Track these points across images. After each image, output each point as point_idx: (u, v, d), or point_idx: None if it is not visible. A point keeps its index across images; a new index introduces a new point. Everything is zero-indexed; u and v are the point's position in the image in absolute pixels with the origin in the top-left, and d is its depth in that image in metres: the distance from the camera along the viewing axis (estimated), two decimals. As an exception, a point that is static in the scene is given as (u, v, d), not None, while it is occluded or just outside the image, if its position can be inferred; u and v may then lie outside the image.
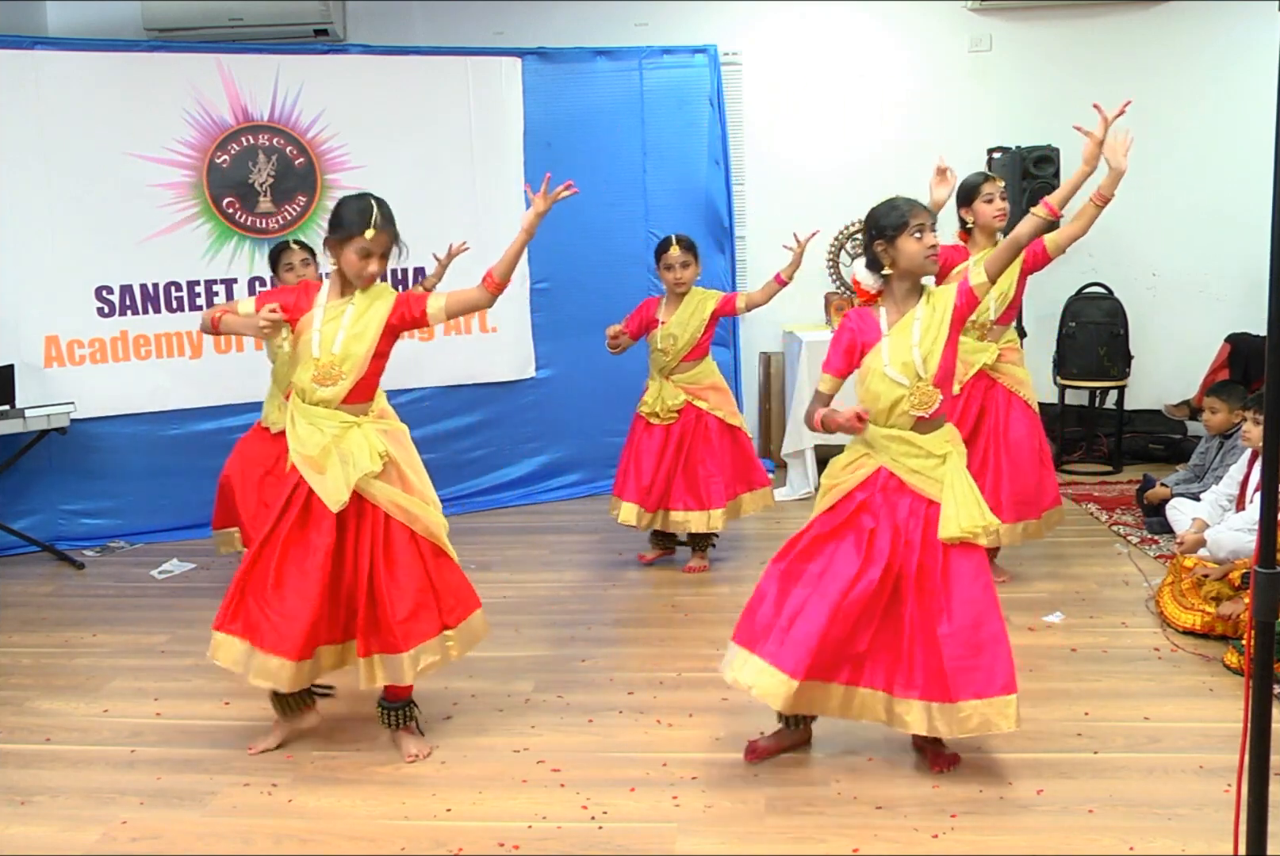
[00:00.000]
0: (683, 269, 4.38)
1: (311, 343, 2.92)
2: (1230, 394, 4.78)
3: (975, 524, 2.72)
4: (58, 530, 5.10)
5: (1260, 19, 5.72)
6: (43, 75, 4.83)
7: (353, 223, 2.88)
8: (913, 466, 2.77)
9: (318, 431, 2.93)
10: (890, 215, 2.77)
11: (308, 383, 2.94)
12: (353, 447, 2.92)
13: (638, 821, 2.69)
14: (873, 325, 2.82)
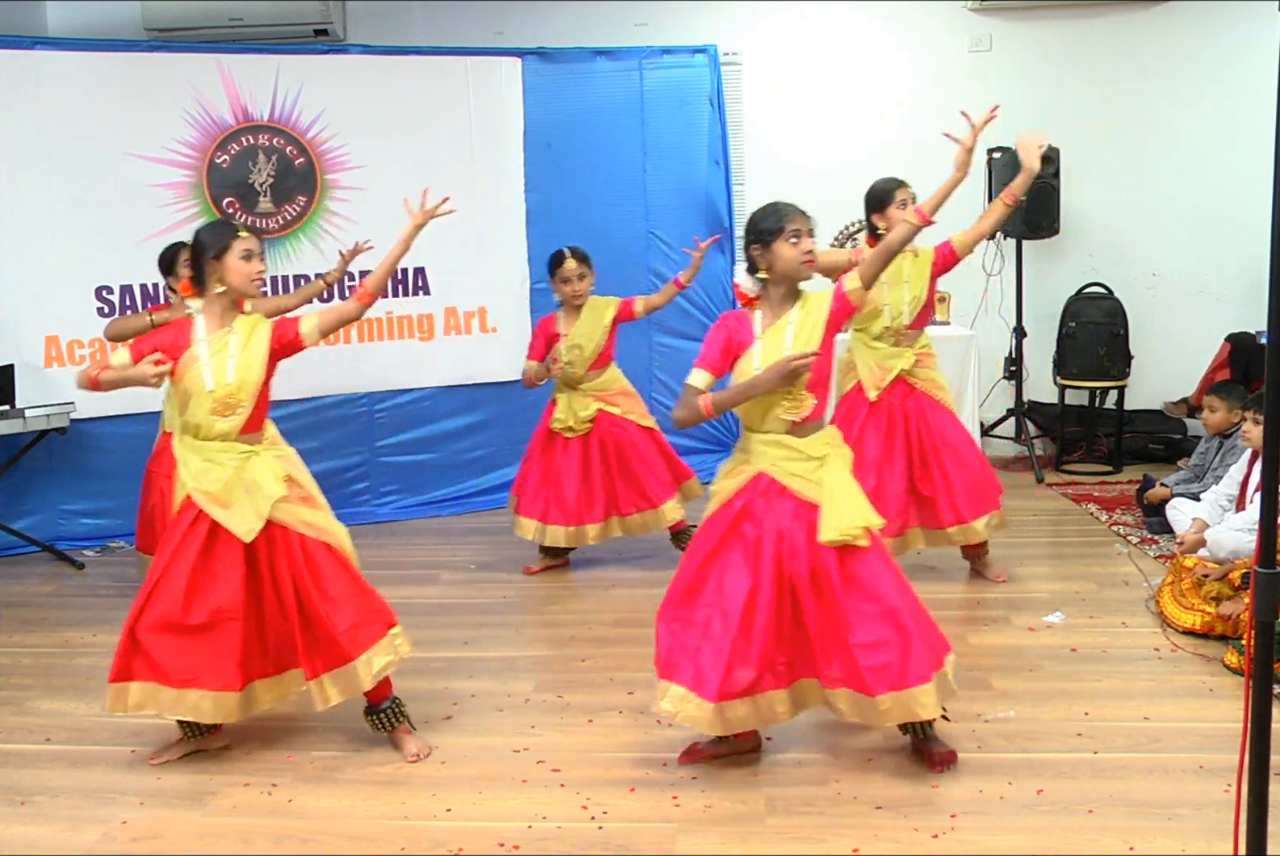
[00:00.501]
0: (579, 281, 4.41)
1: (202, 377, 2.92)
2: (1230, 393, 4.78)
3: (854, 525, 2.72)
4: (58, 530, 5.10)
5: (1260, 19, 5.71)
6: (43, 75, 4.83)
7: (221, 234, 2.92)
8: (792, 470, 2.78)
9: (216, 466, 2.93)
10: (767, 219, 2.84)
11: (203, 417, 2.93)
12: (256, 476, 2.93)
13: (638, 821, 2.69)
14: (747, 328, 2.84)
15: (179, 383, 2.94)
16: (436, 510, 5.52)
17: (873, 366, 4.10)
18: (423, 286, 5.49)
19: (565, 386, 4.50)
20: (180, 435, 2.99)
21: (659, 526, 4.55)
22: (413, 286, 5.48)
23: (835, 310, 2.81)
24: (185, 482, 2.95)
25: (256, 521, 2.89)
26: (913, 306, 4.10)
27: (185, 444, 2.98)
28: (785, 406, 2.77)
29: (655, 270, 5.64)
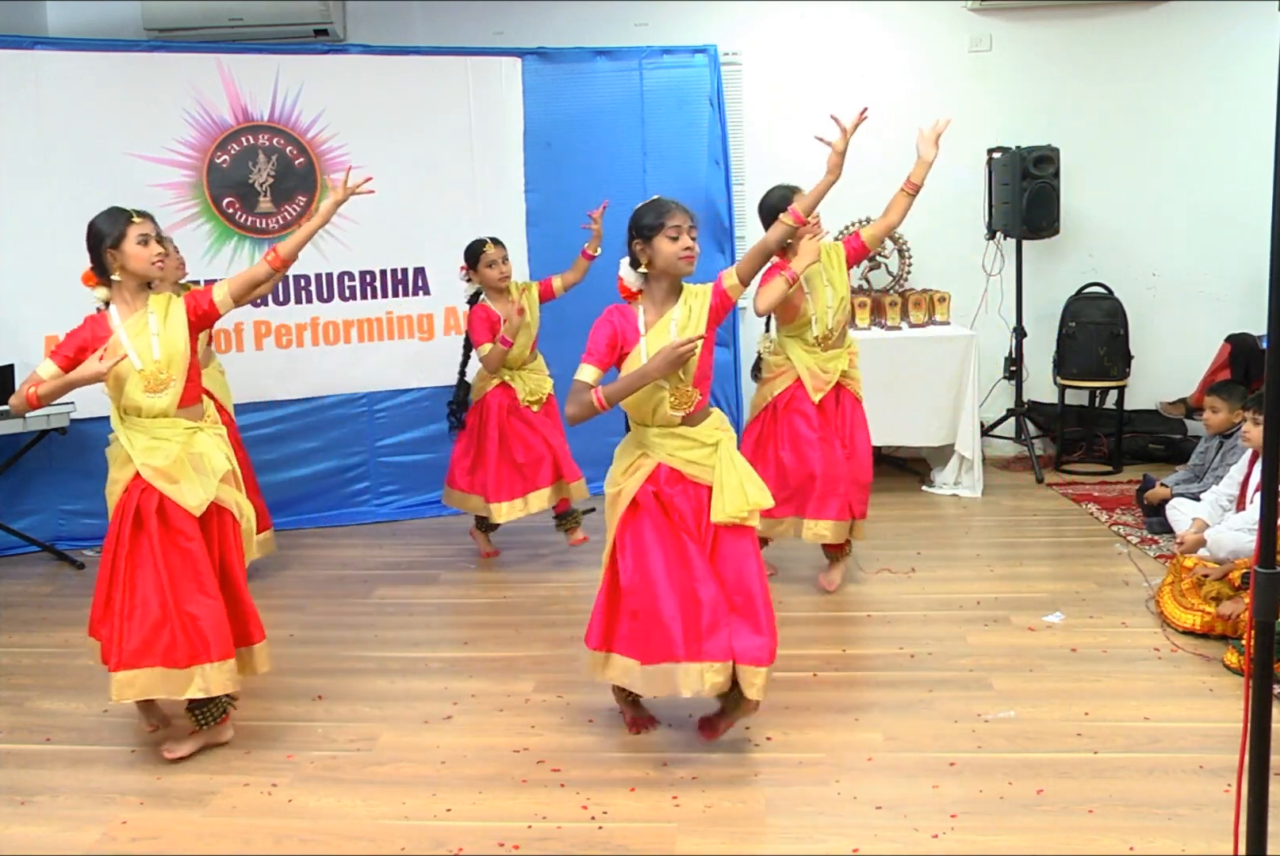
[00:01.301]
0: (504, 263, 4.56)
1: (130, 358, 2.98)
2: (1230, 394, 4.78)
3: (741, 507, 2.83)
4: (58, 530, 5.10)
5: (1260, 19, 5.72)
6: (43, 75, 4.83)
7: (115, 220, 2.98)
8: (688, 458, 2.88)
9: (165, 442, 3.00)
10: (648, 215, 2.86)
11: (140, 397, 3.01)
12: (203, 450, 3.01)
13: (638, 821, 2.69)
14: (632, 324, 2.88)
15: (110, 376, 2.99)
16: (436, 510, 5.52)
17: (814, 370, 4.13)
18: (423, 286, 5.50)
19: (509, 369, 4.63)
20: (121, 417, 3.07)
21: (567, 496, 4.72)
22: (413, 286, 5.48)
23: (715, 306, 2.89)
24: (134, 459, 3.01)
25: (204, 494, 2.97)
26: (838, 307, 4.13)
27: (129, 424, 3.05)
28: (672, 402, 2.86)
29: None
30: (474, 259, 4.56)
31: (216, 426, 3.14)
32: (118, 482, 3.08)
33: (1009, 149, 6.01)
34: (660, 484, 2.90)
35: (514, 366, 4.64)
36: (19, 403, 3.04)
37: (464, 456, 4.71)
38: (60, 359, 3.01)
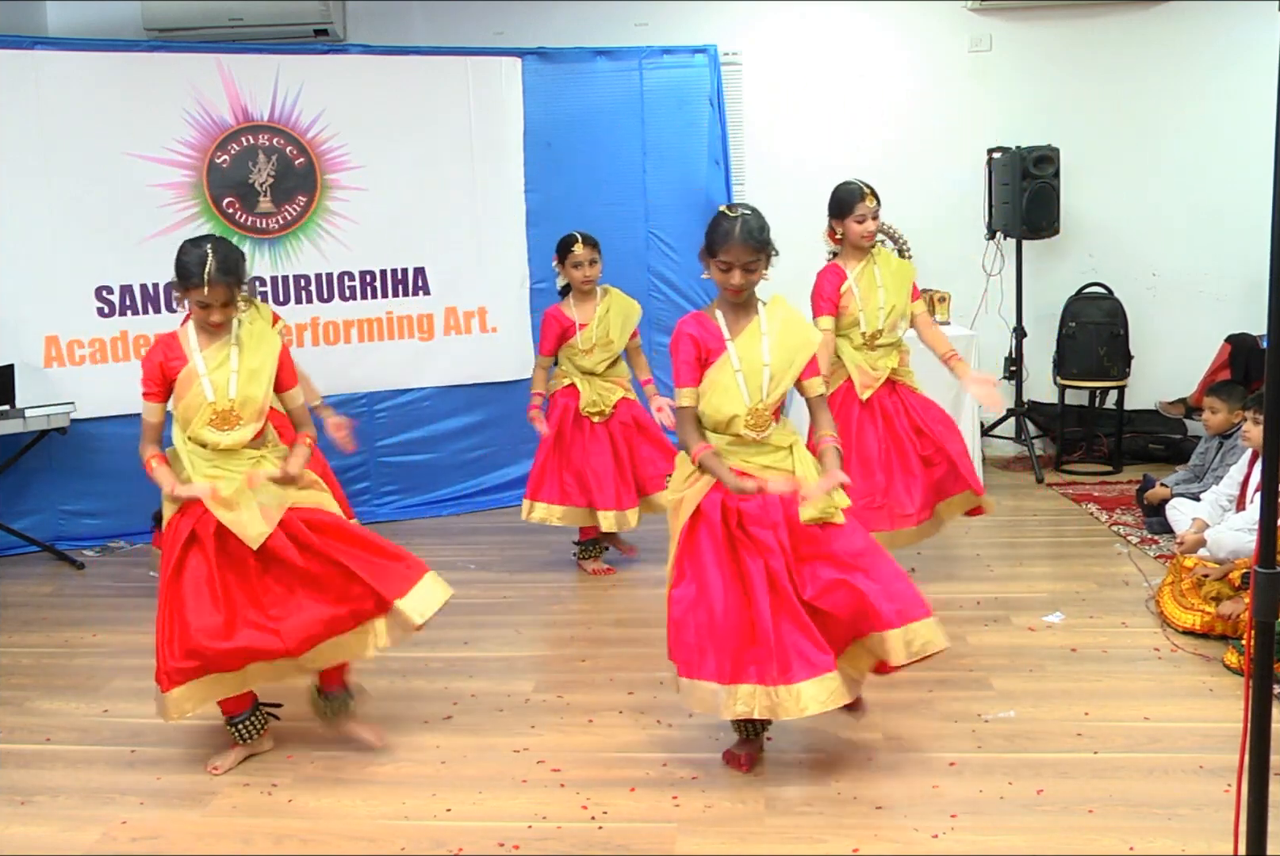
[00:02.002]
0: (590, 267, 4.45)
1: (203, 390, 2.86)
2: (1230, 394, 4.78)
3: (828, 504, 2.78)
4: (58, 530, 5.10)
5: (1260, 19, 5.71)
6: (43, 75, 4.82)
7: (188, 275, 2.84)
8: (764, 463, 2.82)
9: (227, 472, 2.87)
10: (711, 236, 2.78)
11: (204, 431, 2.87)
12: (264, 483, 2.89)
13: (638, 821, 2.69)
14: (714, 333, 2.82)
15: (180, 398, 2.87)
16: (436, 510, 5.53)
17: (864, 367, 4.11)
18: (423, 286, 5.49)
19: (579, 373, 4.51)
20: (184, 441, 2.90)
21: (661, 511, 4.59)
22: (413, 286, 5.48)
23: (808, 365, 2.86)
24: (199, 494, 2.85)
25: (265, 526, 2.84)
26: (889, 314, 4.09)
27: (192, 450, 2.89)
28: (747, 422, 2.81)
29: (655, 270, 5.64)
30: (562, 254, 4.47)
31: (278, 448, 3.01)
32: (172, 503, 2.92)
33: (1009, 149, 6.01)
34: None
35: (587, 371, 4.53)
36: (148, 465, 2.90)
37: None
38: (153, 397, 2.89)
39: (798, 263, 6.18)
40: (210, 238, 2.93)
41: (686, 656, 2.80)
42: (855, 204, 4.04)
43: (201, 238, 2.95)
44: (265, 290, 5.26)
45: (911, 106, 6.25)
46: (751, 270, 2.76)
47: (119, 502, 5.15)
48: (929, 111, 6.25)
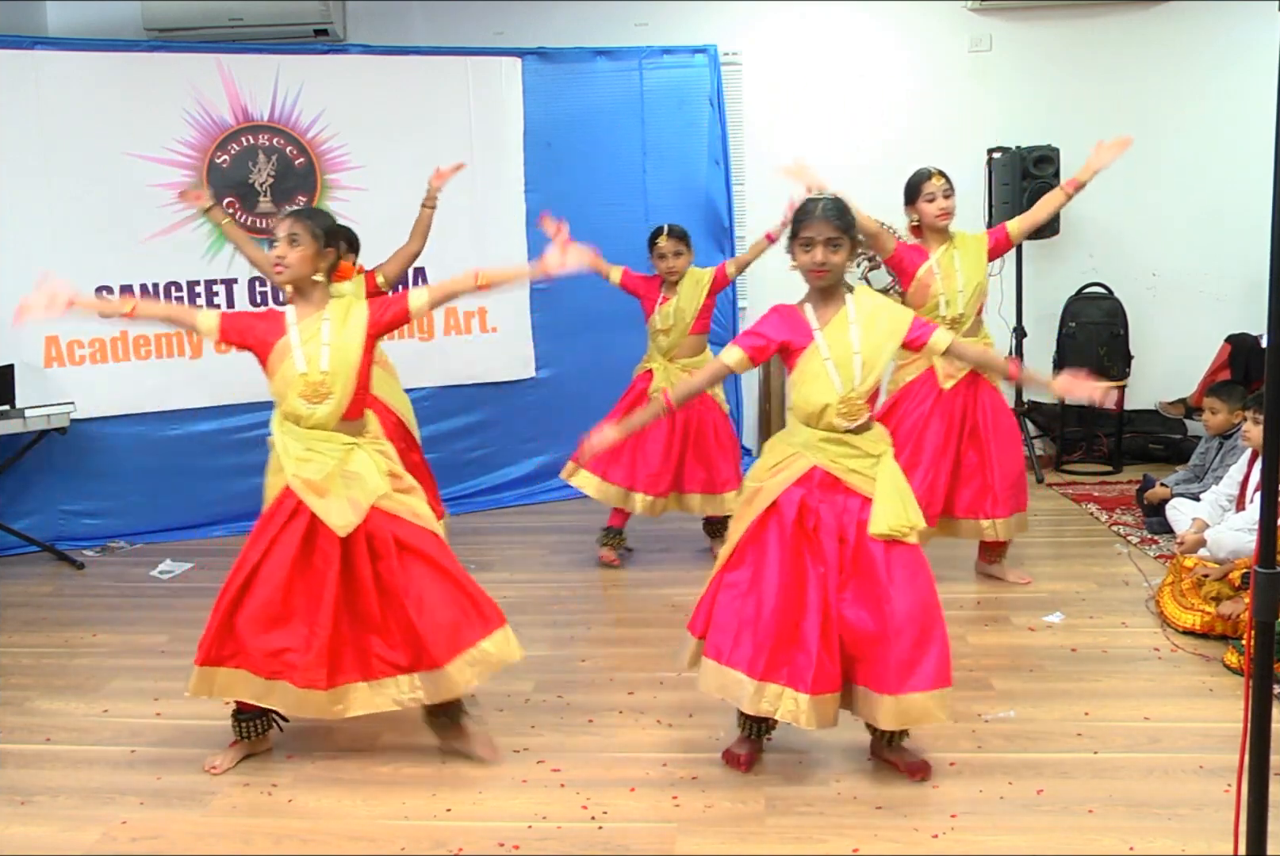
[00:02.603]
0: (674, 258, 4.47)
1: (295, 362, 2.86)
2: (1230, 394, 4.78)
3: (902, 522, 2.73)
4: (58, 530, 5.10)
5: (1260, 19, 5.71)
6: (43, 75, 4.83)
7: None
8: (852, 466, 2.77)
9: (319, 455, 2.86)
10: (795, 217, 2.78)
11: (298, 404, 2.87)
12: (359, 469, 2.86)
13: (638, 821, 2.69)
14: (802, 325, 2.79)
15: (274, 374, 2.89)
16: (436, 510, 5.53)
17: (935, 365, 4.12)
18: (423, 286, 5.49)
19: (662, 357, 4.54)
20: (280, 422, 2.92)
21: (714, 512, 4.61)
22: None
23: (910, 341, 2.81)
24: (285, 468, 2.87)
25: (353, 516, 2.82)
26: (971, 294, 4.10)
27: (286, 430, 2.90)
28: (840, 411, 2.76)
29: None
30: (650, 245, 4.53)
31: (378, 441, 2.98)
32: (272, 488, 2.94)
33: (1009, 149, 6.01)
34: (812, 485, 2.78)
35: (665, 354, 4.55)
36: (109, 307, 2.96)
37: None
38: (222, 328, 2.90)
39: (798, 263, 6.24)
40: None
41: (720, 639, 2.80)
42: (922, 184, 4.07)
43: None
44: (265, 290, 5.27)
45: (911, 106, 6.25)
46: (835, 247, 2.72)
47: (119, 502, 5.16)
48: (929, 111, 6.25)
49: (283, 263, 2.86)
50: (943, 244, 4.11)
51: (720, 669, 2.80)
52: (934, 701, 2.71)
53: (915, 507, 2.79)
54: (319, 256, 2.89)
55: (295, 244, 2.85)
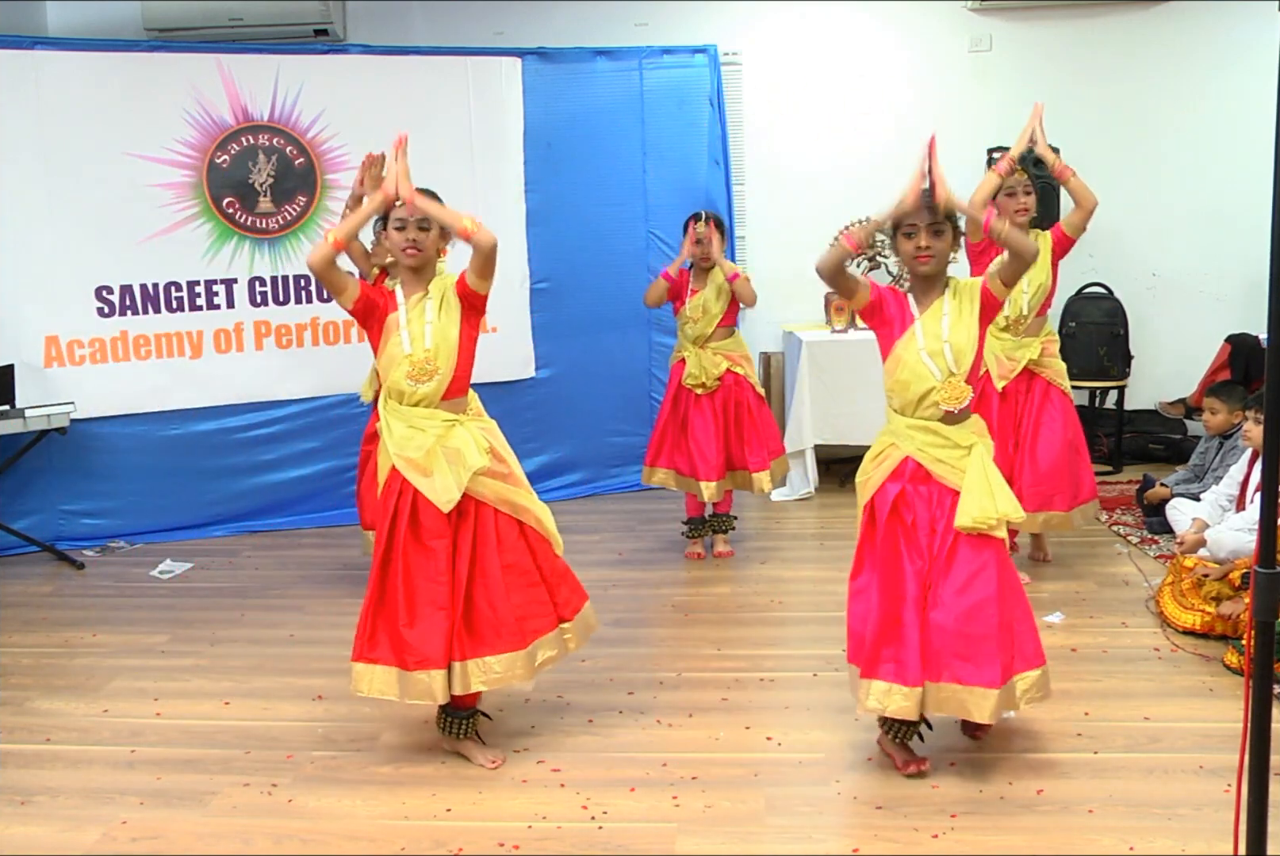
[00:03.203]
0: (708, 244, 4.51)
1: (402, 341, 2.90)
2: (1230, 394, 4.78)
3: (988, 515, 2.71)
4: (58, 530, 5.10)
5: (1260, 19, 5.71)
6: (43, 75, 4.82)
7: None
8: (939, 456, 2.76)
9: (419, 432, 2.89)
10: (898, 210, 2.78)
11: (403, 381, 2.90)
12: (459, 445, 2.89)
13: (638, 821, 2.69)
14: (905, 306, 2.82)
15: (383, 349, 2.92)
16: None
17: (1000, 357, 4.14)
18: (423, 286, 5.49)
19: (693, 345, 4.59)
20: (385, 400, 2.96)
21: (747, 489, 4.69)
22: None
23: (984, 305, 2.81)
24: (389, 449, 2.91)
25: (456, 491, 2.84)
26: (1034, 294, 4.12)
27: (390, 409, 2.94)
28: (943, 396, 2.75)
29: (655, 270, 5.61)
30: (685, 230, 4.59)
31: (480, 418, 3.01)
32: (382, 469, 2.97)
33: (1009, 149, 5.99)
34: (904, 479, 2.78)
35: (695, 342, 4.59)
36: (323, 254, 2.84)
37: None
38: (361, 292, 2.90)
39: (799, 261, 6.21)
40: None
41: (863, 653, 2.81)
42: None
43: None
44: (265, 290, 5.27)
45: (911, 106, 6.24)
46: (938, 232, 2.74)
47: (119, 502, 5.16)
48: (929, 111, 6.24)
49: (416, 245, 2.91)
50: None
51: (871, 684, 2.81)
52: (974, 698, 2.71)
53: (1008, 498, 2.76)
54: (442, 237, 2.96)
55: (425, 228, 2.91)
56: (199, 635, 4.03)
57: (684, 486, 4.69)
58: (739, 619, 4.08)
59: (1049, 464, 4.20)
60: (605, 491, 5.74)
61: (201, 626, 4.12)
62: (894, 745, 2.91)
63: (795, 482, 5.72)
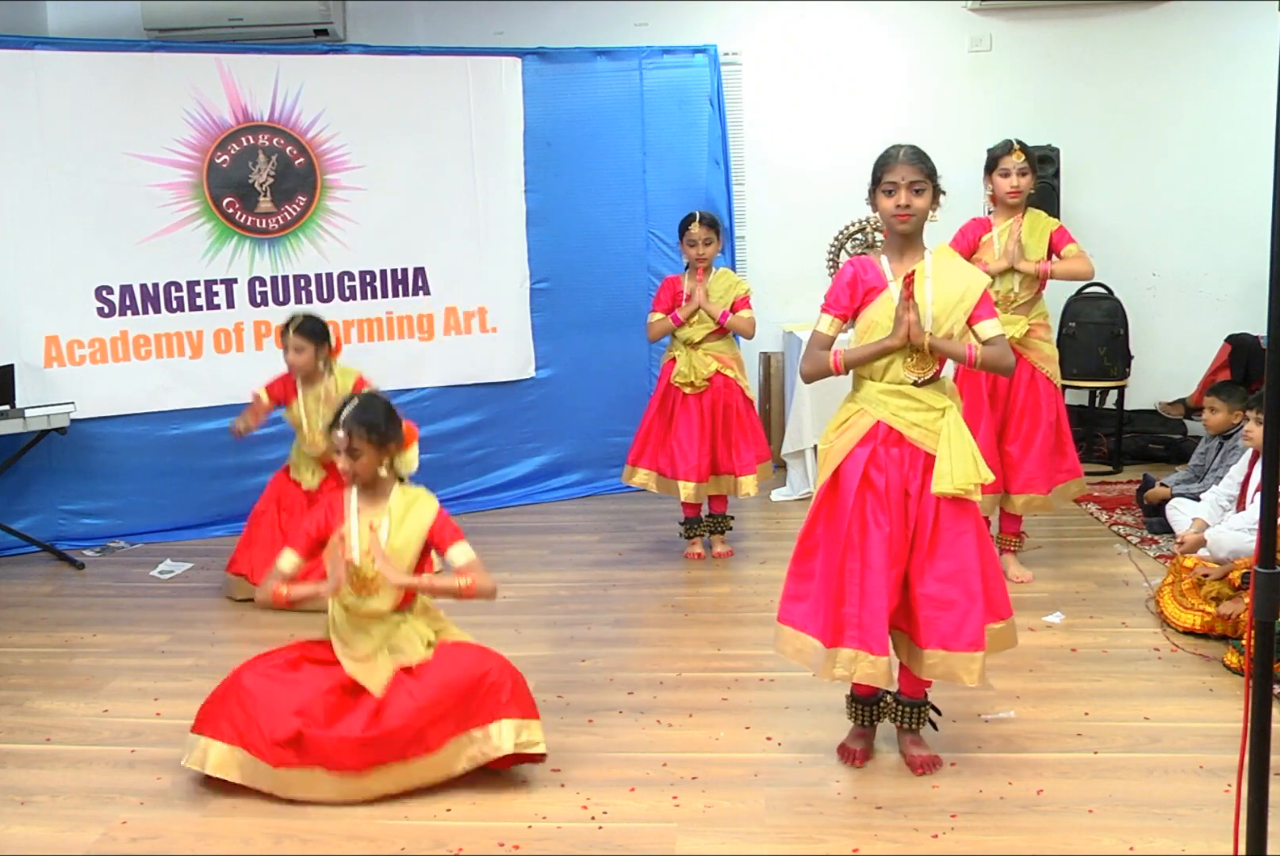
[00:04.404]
0: (704, 246, 4.52)
1: (352, 549, 2.86)
2: (1230, 394, 4.78)
3: (969, 480, 2.70)
4: (58, 530, 5.10)
5: (1260, 19, 5.71)
6: (43, 75, 4.82)
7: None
8: (913, 420, 2.74)
9: (365, 637, 2.89)
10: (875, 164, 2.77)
11: (346, 596, 2.88)
12: (402, 643, 2.89)
13: (638, 821, 2.69)
14: (876, 273, 2.79)
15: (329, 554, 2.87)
16: (435, 510, 5.52)
17: None
18: (423, 286, 5.49)
19: (684, 346, 4.59)
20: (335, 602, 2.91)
21: (730, 493, 4.69)
22: (413, 286, 5.48)
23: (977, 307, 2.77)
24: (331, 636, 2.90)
25: (388, 677, 2.84)
26: (1026, 275, 4.13)
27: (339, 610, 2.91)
28: (910, 367, 2.74)
29: (655, 270, 5.64)
30: (680, 231, 4.59)
31: (428, 613, 2.98)
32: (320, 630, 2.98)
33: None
34: (877, 442, 2.75)
35: (686, 341, 4.57)
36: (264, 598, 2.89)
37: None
38: (299, 547, 2.92)
39: (799, 261, 6.26)
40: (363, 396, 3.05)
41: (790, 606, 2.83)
42: (1000, 157, 4.10)
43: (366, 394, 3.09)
44: (265, 290, 5.27)
45: (911, 106, 6.24)
46: (919, 191, 2.71)
47: (119, 502, 5.16)
48: (929, 111, 6.24)
49: (348, 475, 2.90)
50: (1008, 219, 4.12)
51: (796, 634, 2.83)
52: (961, 663, 2.72)
53: (982, 463, 2.74)
54: (381, 453, 2.91)
55: (357, 456, 2.88)
56: (199, 635, 4.03)
57: (664, 489, 4.66)
58: (739, 619, 4.08)
59: (1032, 450, 4.20)
60: (605, 491, 5.74)
61: (201, 626, 4.12)
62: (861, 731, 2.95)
63: (795, 482, 5.72)
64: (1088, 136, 6.16)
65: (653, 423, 4.68)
